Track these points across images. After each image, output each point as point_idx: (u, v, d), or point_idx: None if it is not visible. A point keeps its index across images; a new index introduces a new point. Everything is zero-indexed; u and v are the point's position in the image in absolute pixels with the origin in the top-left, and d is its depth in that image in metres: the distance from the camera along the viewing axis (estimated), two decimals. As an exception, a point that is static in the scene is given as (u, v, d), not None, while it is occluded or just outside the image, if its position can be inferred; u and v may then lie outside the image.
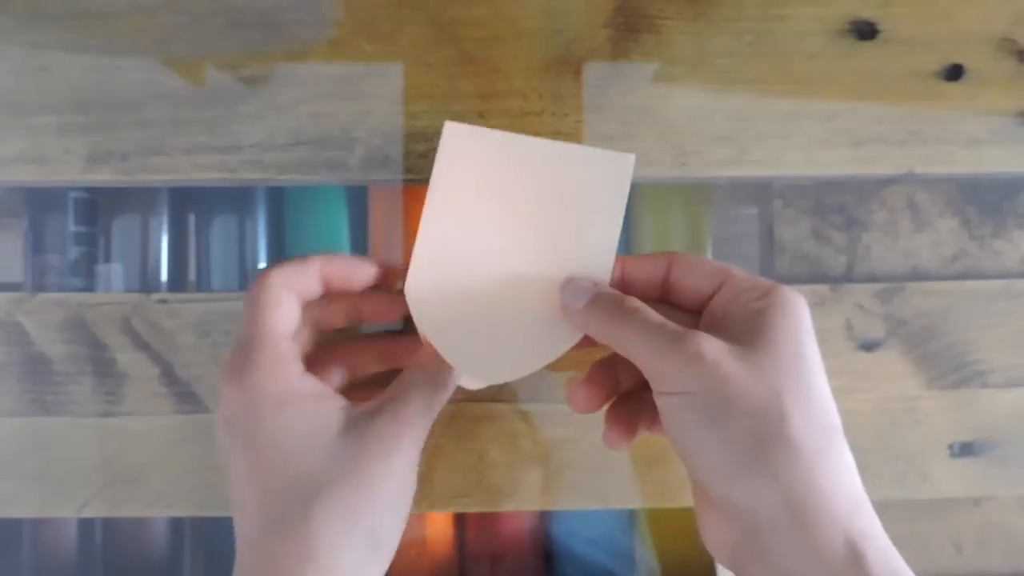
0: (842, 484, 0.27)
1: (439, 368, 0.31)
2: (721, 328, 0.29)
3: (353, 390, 0.33)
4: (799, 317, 0.28)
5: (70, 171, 0.39)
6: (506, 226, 0.33)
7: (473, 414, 0.39)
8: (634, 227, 0.46)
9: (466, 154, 0.33)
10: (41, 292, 0.39)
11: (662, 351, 0.28)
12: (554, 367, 0.32)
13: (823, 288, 0.40)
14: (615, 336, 0.29)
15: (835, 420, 0.27)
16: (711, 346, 0.27)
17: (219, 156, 0.39)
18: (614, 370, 0.33)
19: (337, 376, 0.34)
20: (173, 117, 0.39)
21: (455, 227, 0.33)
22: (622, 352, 0.29)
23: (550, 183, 0.33)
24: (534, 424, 0.39)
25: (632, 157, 0.33)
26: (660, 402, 0.28)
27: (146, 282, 0.45)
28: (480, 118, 0.39)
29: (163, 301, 0.39)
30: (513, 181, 0.33)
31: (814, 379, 0.27)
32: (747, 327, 0.28)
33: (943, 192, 0.41)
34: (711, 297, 0.31)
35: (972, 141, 0.40)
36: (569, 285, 0.31)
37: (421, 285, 0.32)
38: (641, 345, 0.28)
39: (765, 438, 0.26)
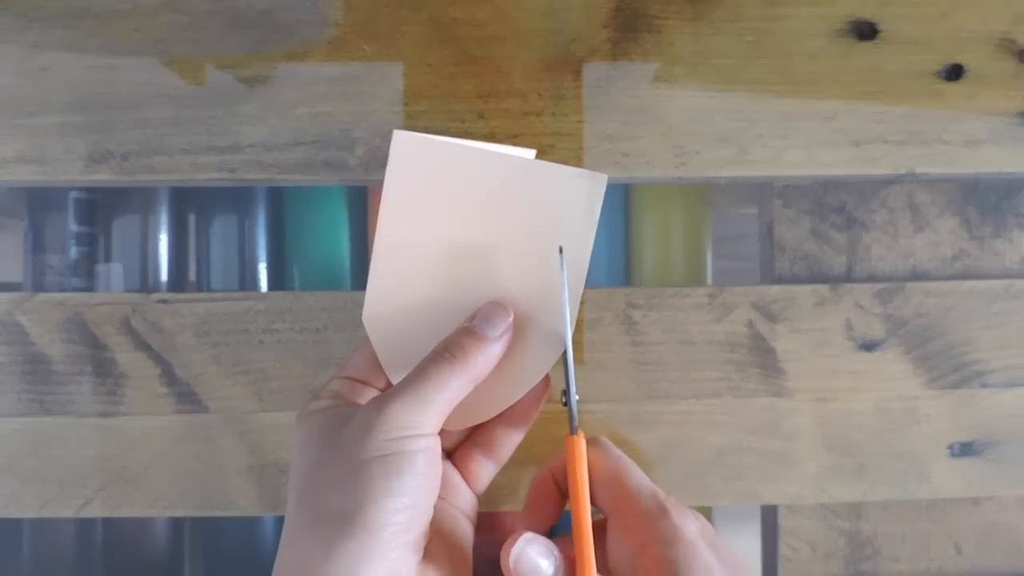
0: None
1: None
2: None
3: None
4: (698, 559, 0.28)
5: (70, 171, 0.39)
6: (466, 248, 0.31)
7: (473, 414, 0.39)
8: (634, 227, 0.46)
9: (419, 166, 0.30)
10: (41, 292, 0.39)
11: None
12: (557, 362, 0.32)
13: (823, 288, 0.40)
14: None
15: None
16: None
17: (219, 156, 0.39)
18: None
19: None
20: (173, 117, 0.39)
21: (412, 249, 0.31)
22: None
23: (514, 202, 0.30)
24: (536, 424, 0.39)
25: (604, 178, 0.30)
26: None
27: (146, 282, 0.45)
28: (480, 118, 0.39)
29: (163, 301, 0.39)
30: (473, 198, 0.30)
31: None
32: None
33: (943, 192, 0.41)
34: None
35: (972, 141, 0.40)
36: (531, 547, 0.29)
37: (379, 314, 0.31)
38: None
39: None
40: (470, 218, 0.31)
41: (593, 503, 0.31)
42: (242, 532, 0.45)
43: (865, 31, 0.40)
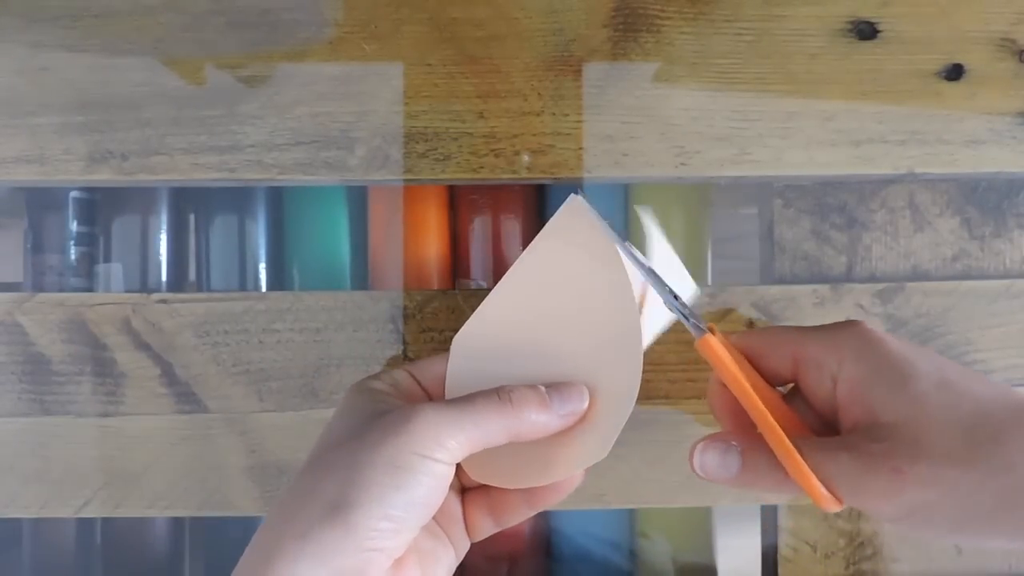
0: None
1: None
2: (873, 424, 0.27)
3: None
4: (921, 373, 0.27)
5: (70, 171, 0.39)
6: (574, 323, 0.31)
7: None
8: (634, 227, 0.46)
9: (576, 233, 0.32)
10: (41, 292, 0.39)
11: (861, 489, 0.27)
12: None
13: (823, 288, 0.40)
14: (786, 488, 0.28)
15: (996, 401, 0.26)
16: (909, 467, 0.26)
17: (219, 156, 0.39)
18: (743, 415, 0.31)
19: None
20: (173, 117, 0.39)
21: (530, 300, 0.32)
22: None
23: (632, 306, 0.31)
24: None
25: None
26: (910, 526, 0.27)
27: (146, 282, 0.45)
28: (480, 118, 0.39)
29: (163, 301, 0.39)
30: (600, 284, 0.31)
31: (962, 399, 0.26)
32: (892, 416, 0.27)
33: (943, 192, 0.41)
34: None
35: (972, 141, 0.40)
36: (706, 453, 0.30)
37: (469, 344, 0.32)
38: (839, 481, 0.27)
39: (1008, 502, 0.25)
40: (592, 302, 0.31)
41: (773, 383, 0.30)
42: (242, 532, 0.45)
43: (865, 31, 0.40)
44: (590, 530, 0.46)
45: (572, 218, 0.32)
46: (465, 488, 0.32)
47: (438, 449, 0.27)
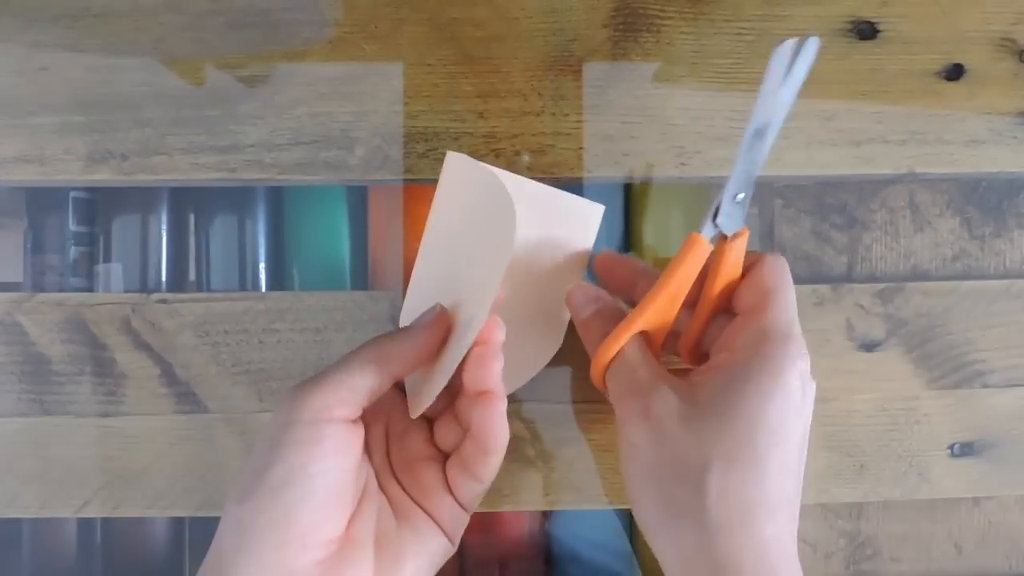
0: (747, 559, 0.27)
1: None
2: (710, 374, 0.30)
3: None
4: (782, 378, 0.29)
5: (70, 171, 0.39)
6: (489, 257, 0.33)
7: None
8: (634, 227, 0.46)
9: (463, 184, 0.35)
10: (41, 292, 0.39)
11: (623, 396, 0.30)
12: (556, 363, 0.32)
13: (823, 288, 0.40)
14: (598, 358, 0.32)
15: (766, 493, 0.28)
16: (662, 405, 0.29)
17: (219, 156, 0.39)
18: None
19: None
20: (173, 117, 0.39)
21: (448, 254, 0.35)
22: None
23: (531, 222, 0.35)
24: (535, 424, 0.39)
25: (602, 208, 0.36)
26: (620, 438, 0.31)
27: (146, 282, 0.45)
28: (480, 118, 0.39)
29: (163, 301, 0.39)
30: (500, 216, 0.33)
31: (760, 451, 0.28)
32: (722, 383, 0.29)
33: (943, 192, 0.41)
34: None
35: (972, 141, 0.40)
36: (577, 291, 0.34)
37: (414, 310, 0.34)
38: (613, 380, 0.31)
39: (681, 507, 0.28)
40: (495, 234, 0.33)
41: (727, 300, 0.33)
42: (242, 532, 0.45)
43: (865, 31, 0.40)
44: (587, 536, 0.46)
45: (457, 173, 0.35)
46: (446, 458, 0.33)
47: (311, 412, 0.28)
